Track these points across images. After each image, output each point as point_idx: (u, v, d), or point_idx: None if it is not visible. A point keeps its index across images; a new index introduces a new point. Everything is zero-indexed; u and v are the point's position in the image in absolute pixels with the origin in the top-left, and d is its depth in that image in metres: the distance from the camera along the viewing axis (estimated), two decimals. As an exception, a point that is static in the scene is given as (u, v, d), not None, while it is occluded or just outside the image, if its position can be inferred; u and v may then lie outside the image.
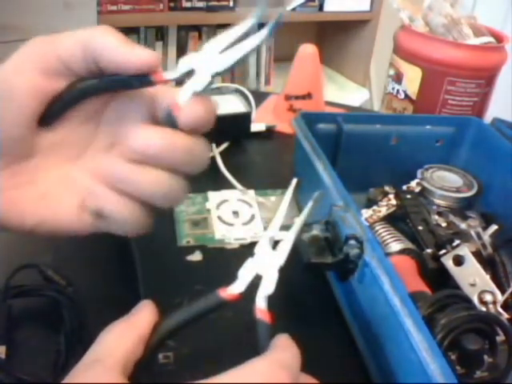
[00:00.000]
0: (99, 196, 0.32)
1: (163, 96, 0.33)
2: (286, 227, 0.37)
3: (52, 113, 0.32)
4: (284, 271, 0.34)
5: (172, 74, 0.31)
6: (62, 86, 0.31)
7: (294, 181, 0.40)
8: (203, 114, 0.31)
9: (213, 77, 0.31)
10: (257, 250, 0.35)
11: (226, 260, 0.52)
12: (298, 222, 0.37)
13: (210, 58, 0.31)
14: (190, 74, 0.31)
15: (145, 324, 0.31)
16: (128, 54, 0.31)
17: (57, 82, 0.31)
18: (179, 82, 0.31)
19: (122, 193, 0.32)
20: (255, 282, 0.33)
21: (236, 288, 0.33)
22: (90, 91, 0.33)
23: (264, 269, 0.34)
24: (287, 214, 0.36)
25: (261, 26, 0.31)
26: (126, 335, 0.29)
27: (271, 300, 0.33)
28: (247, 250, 0.34)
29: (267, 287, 0.33)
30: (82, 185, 0.34)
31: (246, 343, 0.30)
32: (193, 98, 0.31)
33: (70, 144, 0.34)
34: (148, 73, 0.31)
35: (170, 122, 0.31)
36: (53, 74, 0.31)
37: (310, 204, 0.38)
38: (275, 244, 0.35)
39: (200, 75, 0.31)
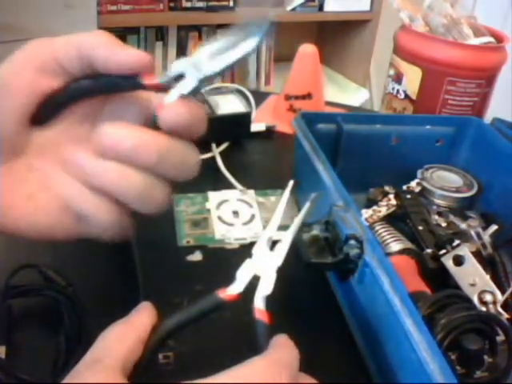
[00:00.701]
0: (76, 195, 0.32)
1: (156, 99, 0.33)
2: (284, 227, 0.37)
3: (45, 112, 0.32)
4: (284, 271, 0.34)
5: (163, 78, 0.31)
6: (56, 84, 0.32)
7: (291, 182, 0.40)
8: (186, 116, 0.31)
9: (200, 81, 0.31)
10: (255, 250, 0.35)
11: (226, 260, 0.52)
12: (296, 222, 0.37)
13: (200, 62, 0.31)
14: (180, 77, 0.31)
15: (144, 325, 0.31)
16: (118, 54, 0.31)
17: (51, 81, 0.32)
18: (170, 85, 0.31)
19: (101, 194, 0.32)
20: (254, 283, 0.33)
21: (235, 289, 0.33)
22: (82, 92, 0.33)
23: (262, 269, 0.34)
24: (285, 214, 0.37)
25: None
26: (125, 336, 0.30)
27: (271, 300, 0.33)
28: (247, 249, 0.34)
29: (265, 288, 0.33)
30: (63, 185, 0.33)
31: (245, 343, 0.30)
32: (179, 100, 0.31)
33: (61, 144, 0.34)
34: (139, 74, 0.31)
35: (153, 121, 0.31)
36: (48, 72, 0.31)
37: (307, 205, 0.38)
38: (273, 244, 0.35)
39: (188, 79, 0.31)
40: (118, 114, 0.34)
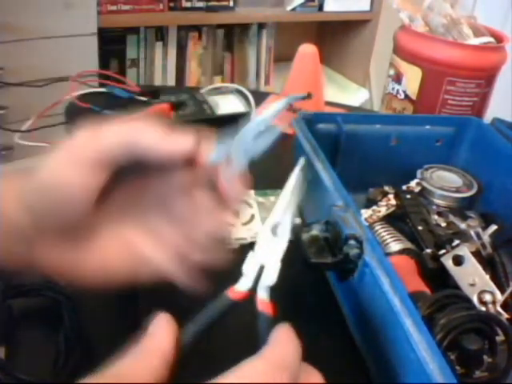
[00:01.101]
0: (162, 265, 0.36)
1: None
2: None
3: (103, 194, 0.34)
4: (283, 271, 0.34)
5: (212, 157, 0.34)
6: (106, 176, 0.33)
7: (302, 160, 0.39)
8: (243, 192, 0.35)
9: (248, 161, 0.35)
10: (258, 239, 0.34)
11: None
12: (292, 202, 0.36)
13: (244, 144, 0.35)
14: (228, 158, 0.34)
15: (168, 346, 0.28)
16: (170, 148, 0.33)
17: (104, 174, 0.33)
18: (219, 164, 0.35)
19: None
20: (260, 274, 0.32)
21: (243, 285, 0.32)
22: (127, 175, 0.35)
23: (266, 258, 0.33)
24: (293, 198, 0.36)
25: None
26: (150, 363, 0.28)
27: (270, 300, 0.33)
28: (247, 250, 0.34)
29: (269, 277, 0.32)
30: (134, 245, 0.36)
31: (246, 340, 0.30)
32: (235, 177, 0.34)
33: (120, 207, 0.36)
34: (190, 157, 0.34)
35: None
36: (100, 166, 0.33)
37: (296, 170, 0.38)
38: (276, 229, 0.34)
39: (238, 160, 0.34)
40: (163, 191, 0.36)
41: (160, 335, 0.29)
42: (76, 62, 1.37)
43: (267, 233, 0.34)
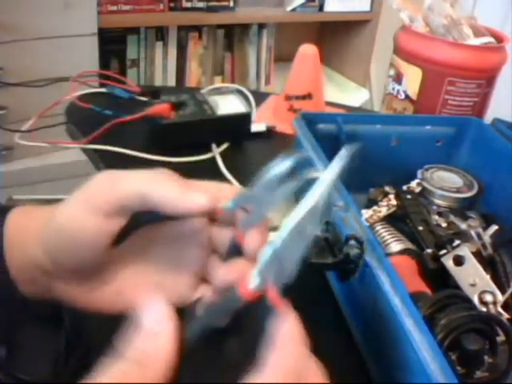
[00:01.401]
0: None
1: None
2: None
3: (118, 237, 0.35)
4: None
5: (228, 206, 0.34)
6: (121, 223, 0.33)
7: (344, 151, 0.32)
8: (263, 240, 0.34)
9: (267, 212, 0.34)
10: (279, 235, 0.30)
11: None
12: (320, 194, 0.31)
13: (262, 195, 0.33)
14: (245, 208, 0.34)
15: (171, 349, 0.26)
16: (186, 205, 0.32)
17: (118, 222, 0.33)
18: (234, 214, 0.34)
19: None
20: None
21: (255, 282, 0.30)
22: (141, 222, 0.36)
23: (288, 255, 0.30)
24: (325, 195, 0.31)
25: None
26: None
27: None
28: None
29: (288, 275, 0.30)
30: (152, 281, 0.36)
31: (253, 340, 0.30)
32: (255, 229, 0.33)
33: (126, 260, 0.36)
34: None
35: (234, 249, 0.34)
36: (114, 215, 0.33)
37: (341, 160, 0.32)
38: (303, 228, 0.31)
39: (256, 211, 0.34)
40: (175, 237, 0.36)
41: (162, 335, 0.27)
42: (76, 62, 1.37)
43: (291, 229, 0.30)
